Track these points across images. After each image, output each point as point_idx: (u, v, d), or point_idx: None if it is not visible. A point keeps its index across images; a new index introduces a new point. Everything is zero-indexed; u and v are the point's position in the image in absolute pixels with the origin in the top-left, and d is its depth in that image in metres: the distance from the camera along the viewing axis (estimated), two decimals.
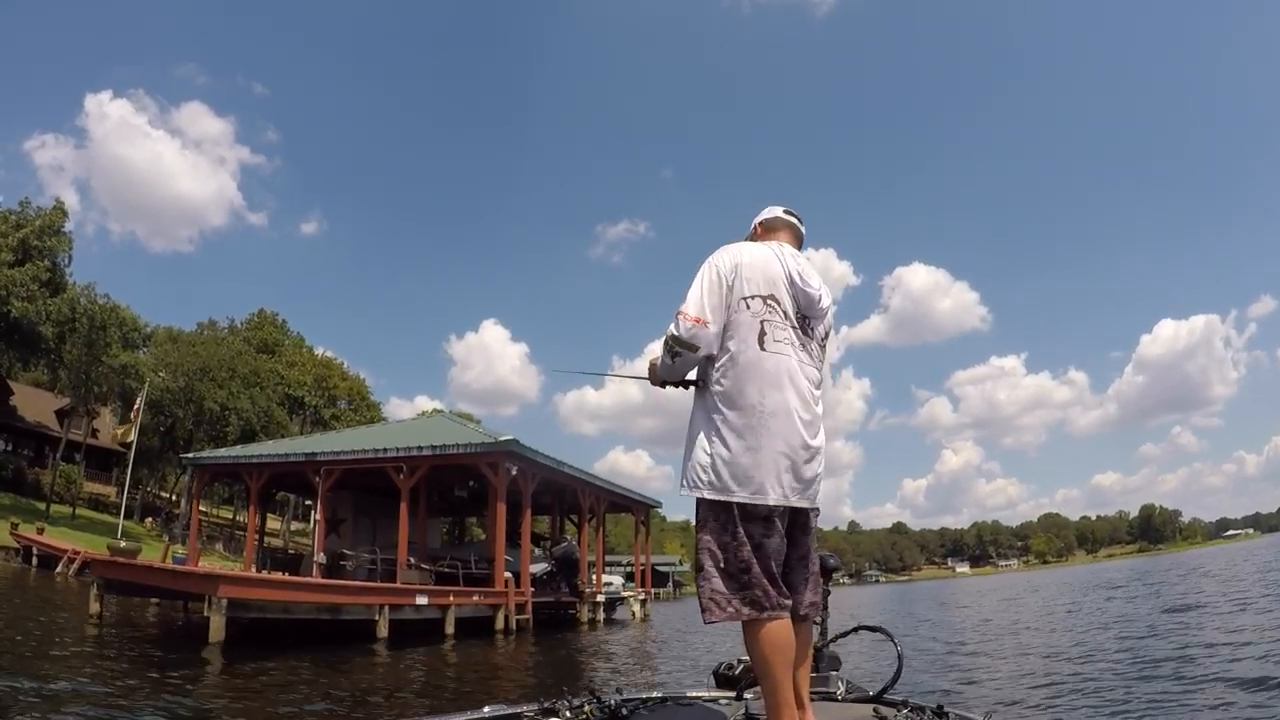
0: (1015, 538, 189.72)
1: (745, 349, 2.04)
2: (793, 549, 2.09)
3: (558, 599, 20.16)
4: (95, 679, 6.91)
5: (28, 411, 44.78)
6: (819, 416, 2.12)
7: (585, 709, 2.15)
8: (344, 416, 52.03)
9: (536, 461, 18.74)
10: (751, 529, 1.97)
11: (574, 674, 10.34)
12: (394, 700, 7.46)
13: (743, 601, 1.93)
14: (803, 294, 2.14)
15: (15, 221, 35.79)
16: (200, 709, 6.13)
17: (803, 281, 2.15)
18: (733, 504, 1.97)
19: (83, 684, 6.59)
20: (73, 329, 36.08)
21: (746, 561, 1.94)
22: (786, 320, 2.10)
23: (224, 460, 21.91)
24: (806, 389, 2.09)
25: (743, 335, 2.05)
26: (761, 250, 2.18)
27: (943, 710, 2.17)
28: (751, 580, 1.93)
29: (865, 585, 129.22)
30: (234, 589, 10.45)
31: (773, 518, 2.00)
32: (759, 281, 2.09)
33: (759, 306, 2.06)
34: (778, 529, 2.01)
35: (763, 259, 2.14)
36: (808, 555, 2.14)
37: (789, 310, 2.11)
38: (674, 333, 2.05)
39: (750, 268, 2.10)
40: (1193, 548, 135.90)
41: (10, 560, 26.27)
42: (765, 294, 2.08)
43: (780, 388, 2.03)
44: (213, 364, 43.44)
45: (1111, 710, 5.81)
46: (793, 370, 2.07)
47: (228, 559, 32.32)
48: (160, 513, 46.04)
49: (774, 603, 1.93)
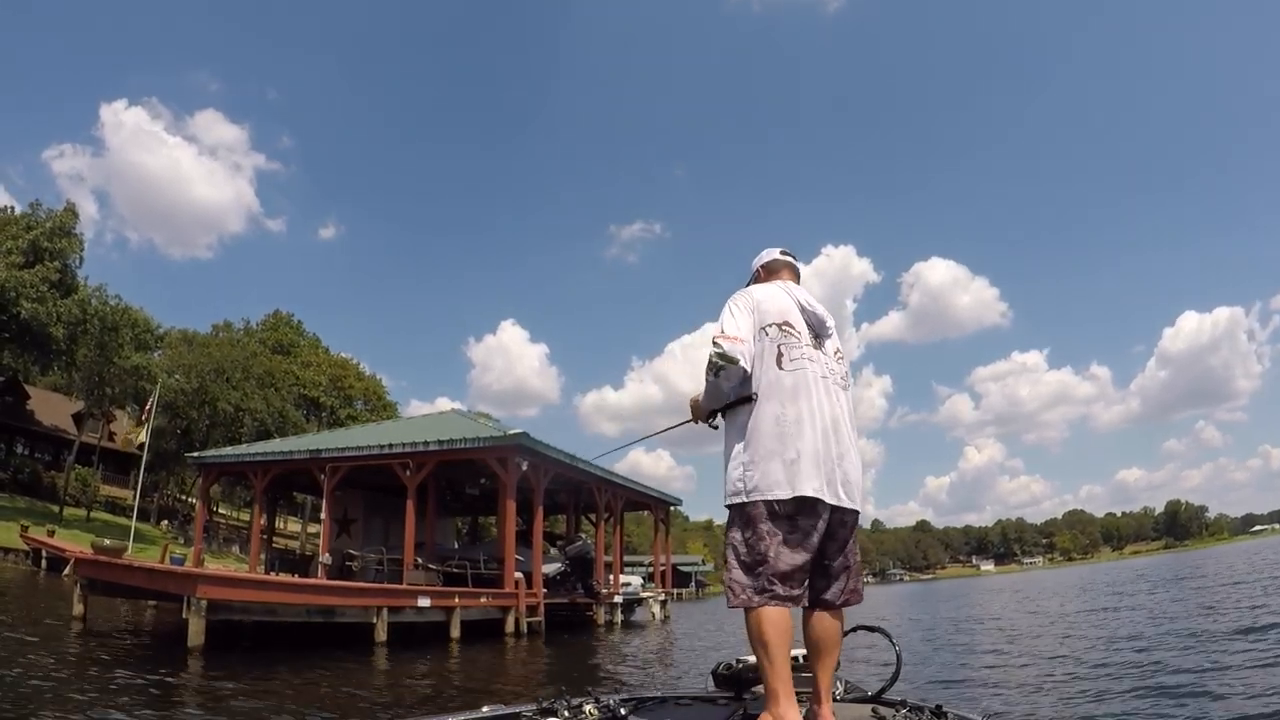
0: (1040, 535, 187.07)
1: (766, 371, 2.22)
2: (830, 543, 2.21)
3: (572, 600, 19.34)
4: (39, 692, 6.16)
5: (44, 415, 44.77)
6: (845, 419, 2.28)
7: (584, 709, 2.09)
8: (361, 417, 51.56)
9: (548, 456, 17.94)
10: (774, 525, 2.11)
11: (582, 680, 9.49)
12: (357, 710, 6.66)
13: (755, 590, 2.07)
14: (813, 316, 2.35)
15: (26, 223, 35.57)
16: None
17: (810, 306, 2.37)
18: (756, 503, 2.13)
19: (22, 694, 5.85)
20: (84, 330, 35.77)
21: (762, 555, 2.09)
22: (801, 339, 2.28)
23: (229, 459, 21.39)
24: (828, 396, 2.25)
25: (764, 360, 2.23)
26: (770, 288, 2.41)
27: (941, 710, 2.14)
28: (763, 571, 2.07)
29: (890, 584, 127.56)
30: (213, 589, 9.68)
31: (796, 516, 2.11)
32: (773, 312, 2.29)
33: (775, 332, 2.26)
34: (802, 525, 2.12)
35: (773, 294, 2.37)
36: (843, 548, 2.25)
37: (802, 331, 2.30)
38: (716, 350, 2.19)
39: (764, 302, 2.32)
40: (1219, 544, 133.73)
41: (19, 563, 26.03)
42: (780, 321, 2.28)
43: (799, 399, 2.19)
44: (227, 365, 43.15)
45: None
46: (811, 382, 2.23)
47: (242, 561, 31.88)
48: (177, 515, 45.84)
49: (781, 594, 2.05)
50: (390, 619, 12.30)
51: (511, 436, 16.71)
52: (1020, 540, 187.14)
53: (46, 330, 34.02)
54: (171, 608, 13.67)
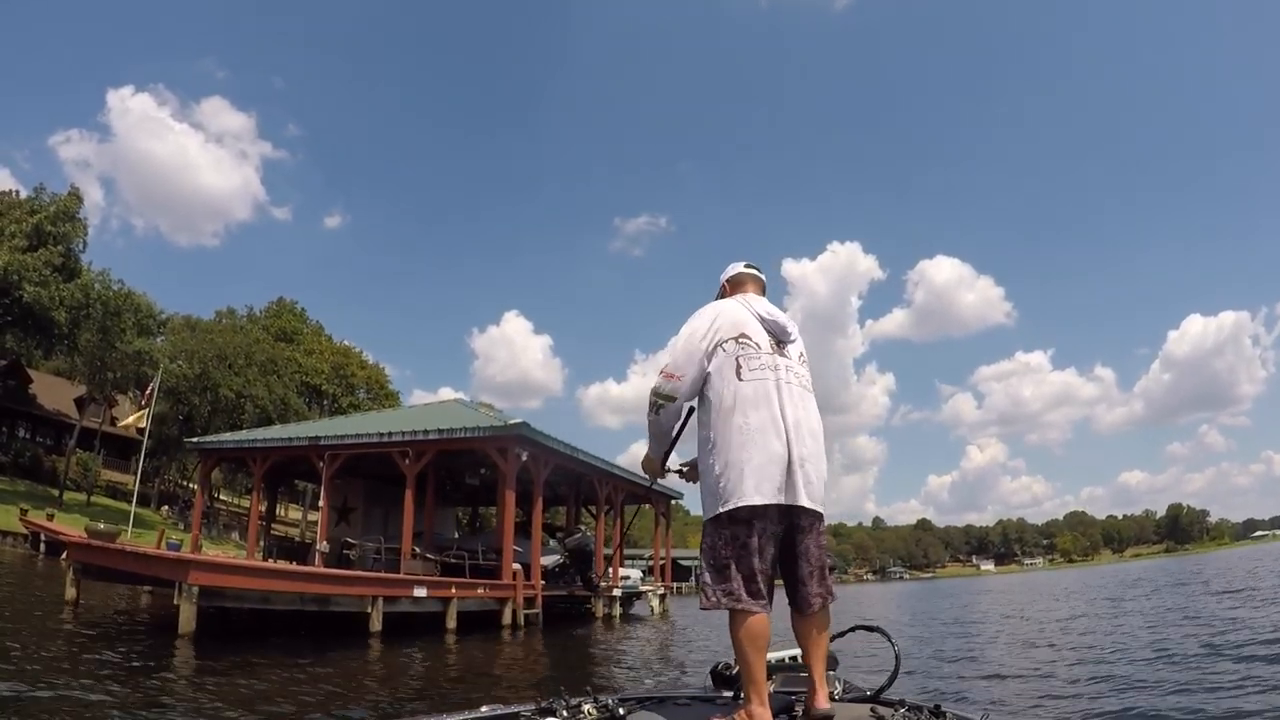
0: (1041, 536, 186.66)
1: (726, 384, 2.28)
2: (798, 545, 2.28)
3: (571, 592, 19.18)
4: (19, 678, 6.01)
5: (47, 399, 44.72)
6: (811, 421, 2.33)
7: (583, 708, 2.07)
8: (363, 406, 51.44)
9: (548, 447, 17.77)
10: (735, 531, 2.19)
11: (577, 676, 9.33)
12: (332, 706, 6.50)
13: (723, 593, 2.17)
14: (773, 325, 2.40)
15: (30, 207, 35.47)
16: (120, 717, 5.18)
17: (771, 316, 2.41)
18: (721, 513, 2.21)
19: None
20: (86, 315, 35.71)
21: (727, 560, 2.19)
22: (760, 349, 2.33)
23: (228, 445, 21.24)
24: (791, 401, 2.29)
25: (723, 373, 2.30)
26: (727, 304, 2.47)
27: (940, 710, 2.13)
28: (729, 575, 2.17)
29: (890, 582, 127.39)
30: (206, 575, 9.50)
31: (753, 520, 2.18)
32: (727, 327, 2.35)
33: (732, 346, 2.32)
34: (758, 529, 2.18)
35: (730, 309, 2.43)
36: (806, 552, 2.28)
37: (761, 341, 2.35)
38: (655, 390, 2.36)
39: (721, 318, 2.38)
40: (1220, 548, 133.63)
41: (18, 546, 26.00)
42: (736, 335, 2.34)
43: (760, 407, 2.25)
44: (229, 351, 43.05)
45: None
46: (772, 389, 2.28)
47: (241, 547, 31.80)
48: (178, 500, 45.82)
49: (746, 597, 2.14)
50: (385, 609, 12.12)
51: (511, 426, 16.54)
52: (1021, 541, 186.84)
53: (49, 314, 33.96)
54: (166, 594, 13.58)
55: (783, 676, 2.58)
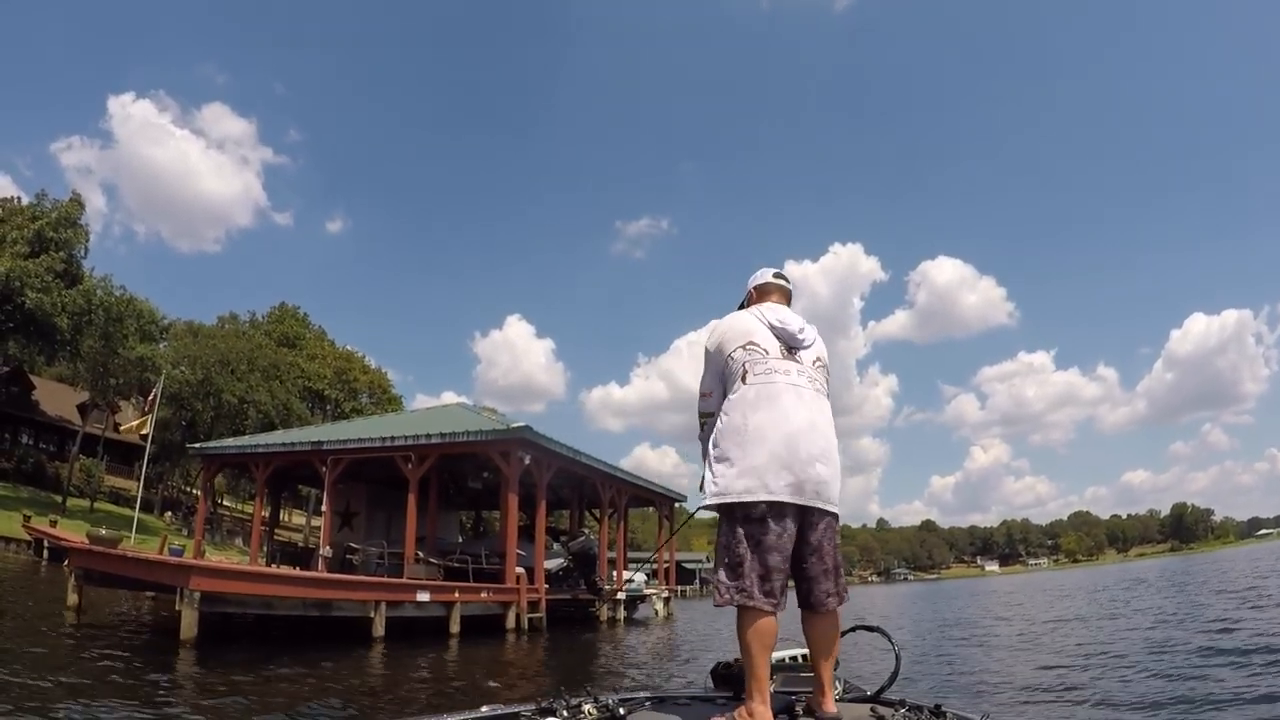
0: (1045, 536, 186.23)
1: (733, 388, 2.36)
2: (808, 544, 2.28)
3: (575, 596, 19.12)
4: (21, 683, 5.96)
5: (50, 405, 44.75)
6: (821, 423, 2.33)
7: (583, 709, 2.07)
8: (366, 411, 51.42)
9: (551, 450, 17.72)
10: (749, 529, 2.20)
11: (582, 679, 9.26)
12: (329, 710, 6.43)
13: (736, 591, 2.17)
14: (783, 331, 2.41)
15: (31, 214, 35.48)
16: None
17: (781, 323, 2.42)
18: (731, 506, 2.24)
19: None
20: (89, 321, 35.72)
21: (741, 557, 2.19)
22: (768, 354, 2.36)
23: (231, 450, 21.22)
24: (799, 402, 2.31)
25: (732, 379, 2.38)
26: (739, 316, 2.51)
27: (940, 710, 2.13)
28: (743, 573, 2.17)
29: (894, 584, 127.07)
30: (207, 581, 9.47)
31: (767, 519, 2.19)
32: (735, 336, 2.41)
33: (740, 354, 2.37)
34: (773, 528, 2.19)
35: (737, 320, 2.48)
36: (820, 551, 2.29)
37: (769, 347, 2.37)
38: (698, 409, 2.55)
39: (729, 331, 2.44)
40: (1225, 547, 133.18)
41: (22, 553, 25.97)
42: (744, 343, 2.38)
43: (762, 408, 2.28)
44: (232, 357, 43.05)
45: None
46: (780, 391, 2.31)
47: (245, 553, 31.76)
48: (181, 506, 45.81)
49: (759, 595, 2.14)
50: (389, 614, 12.06)
51: (514, 430, 16.49)
52: (1025, 541, 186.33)
53: (51, 320, 33.97)
54: (168, 599, 13.52)
55: (784, 676, 2.60)
